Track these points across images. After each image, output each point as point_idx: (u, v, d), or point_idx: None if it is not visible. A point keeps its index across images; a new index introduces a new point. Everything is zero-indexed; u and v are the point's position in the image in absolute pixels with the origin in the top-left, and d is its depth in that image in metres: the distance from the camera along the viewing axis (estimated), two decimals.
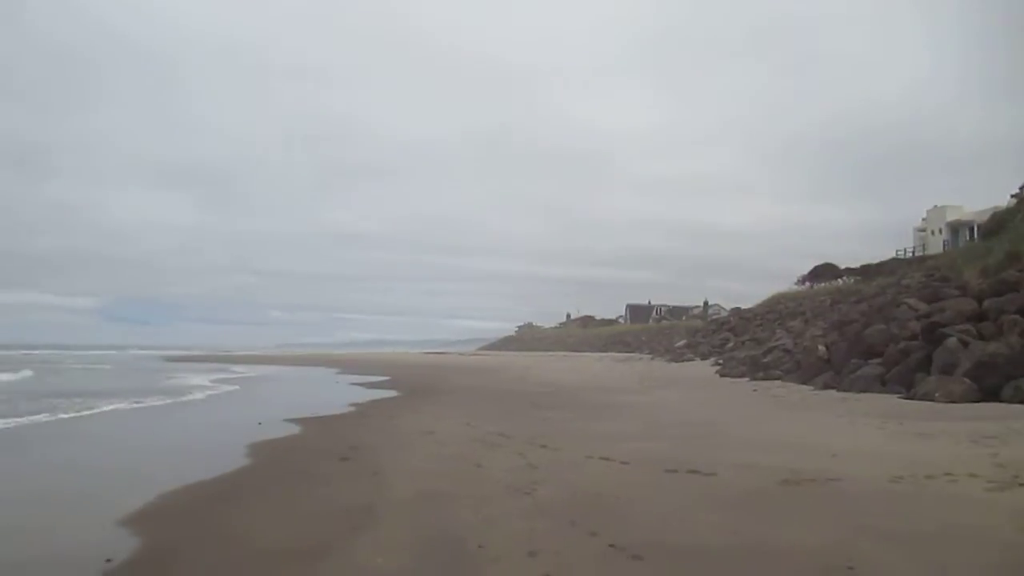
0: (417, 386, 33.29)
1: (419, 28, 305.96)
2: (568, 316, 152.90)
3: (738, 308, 66.93)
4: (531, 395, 26.36)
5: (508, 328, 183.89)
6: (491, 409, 20.77)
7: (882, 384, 22.23)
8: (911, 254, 56.14)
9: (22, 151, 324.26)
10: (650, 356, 55.85)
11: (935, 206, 60.54)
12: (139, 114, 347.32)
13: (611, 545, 6.58)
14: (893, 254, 57.36)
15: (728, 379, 31.69)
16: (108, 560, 6.68)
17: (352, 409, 21.86)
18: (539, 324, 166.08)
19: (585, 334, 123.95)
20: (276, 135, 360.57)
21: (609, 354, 78.01)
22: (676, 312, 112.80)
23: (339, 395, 28.77)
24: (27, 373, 41.30)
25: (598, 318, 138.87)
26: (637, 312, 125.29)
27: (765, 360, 33.17)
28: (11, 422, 17.35)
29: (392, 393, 29.22)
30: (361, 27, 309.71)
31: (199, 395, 28.25)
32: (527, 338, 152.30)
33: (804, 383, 26.37)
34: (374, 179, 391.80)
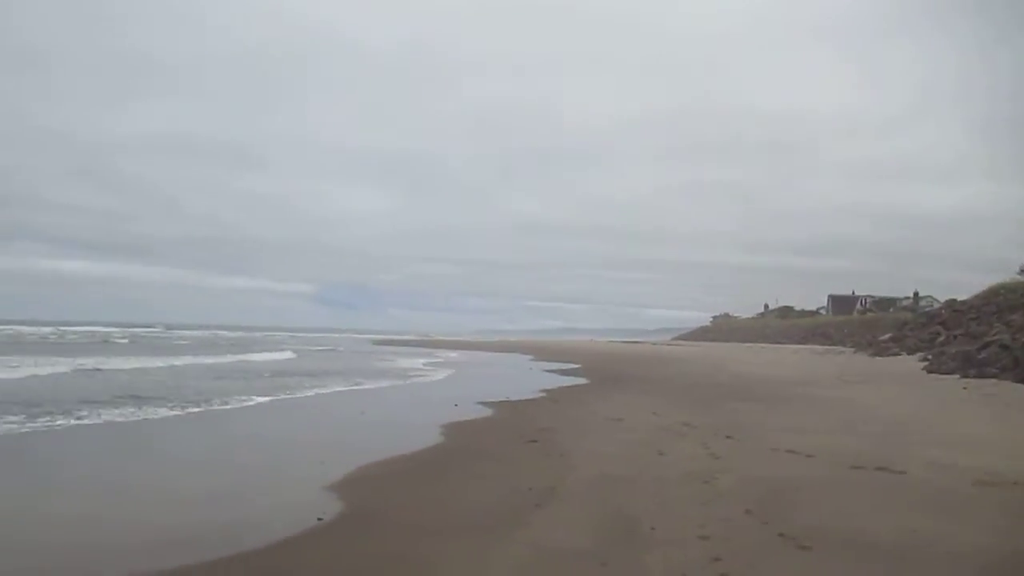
0: (607, 374, 33.67)
1: (598, 15, 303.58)
2: (766, 306, 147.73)
3: (952, 300, 62.22)
4: (722, 386, 26.06)
5: (703, 318, 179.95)
6: (680, 399, 20.81)
7: None
8: None
9: (236, 147, 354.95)
10: (852, 349, 53.07)
11: None
12: (339, 108, 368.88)
13: (780, 534, 6.70)
14: None
15: (935, 376, 29.78)
16: (319, 519, 7.60)
17: (543, 395, 22.57)
18: (735, 314, 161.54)
19: (783, 325, 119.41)
20: (468, 126, 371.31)
21: (808, 346, 74.95)
22: (883, 303, 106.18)
23: (531, 381, 29.69)
24: (289, 354, 46.19)
25: (797, 309, 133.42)
26: (840, 303, 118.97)
27: (979, 356, 30.85)
28: (266, 399, 19.64)
29: (582, 381, 29.77)
30: (540, 15, 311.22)
31: (404, 379, 30.11)
32: (723, 328, 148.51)
33: (1022, 382, 24.39)
34: (563, 167, 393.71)
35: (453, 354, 59.94)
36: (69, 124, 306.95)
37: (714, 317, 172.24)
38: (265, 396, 19.90)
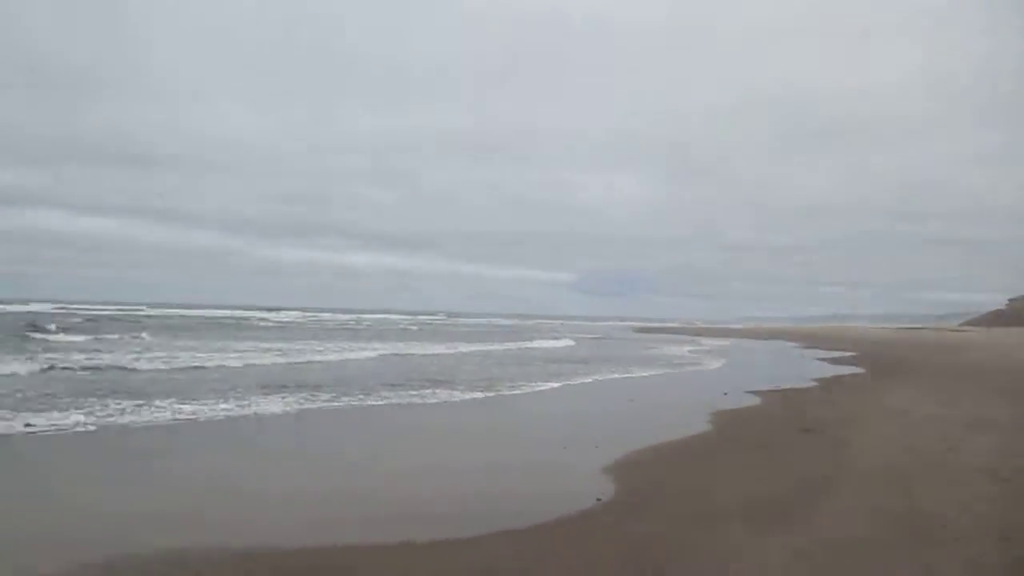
0: (885, 363, 31.73)
1: None
2: None
3: None
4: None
5: (997, 301, 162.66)
6: (971, 391, 19.23)
7: None
8: None
9: (502, 143, 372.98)
10: None
11: None
12: (598, 97, 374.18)
13: None
14: None
15: None
16: (598, 499, 8.05)
17: (814, 384, 21.83)
18: None
19: None
20: (734, 103, 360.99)
21: None
22: None
23: (801, 369, 28.78)
24: (568, 342, 48.06)
25: None
26: None
27: None
28: (550, 385, 20.78)
29: (858, 370, 28.34)
30: None
31: (671, 366, 30.27)
32: (1022, 313, 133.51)
33: None
34: (837, 143, 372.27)
35: (718, 342, 59.04)
36: (363, 127, 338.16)
37: (1011, 300, 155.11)
38: (549, 382, 21.04)
